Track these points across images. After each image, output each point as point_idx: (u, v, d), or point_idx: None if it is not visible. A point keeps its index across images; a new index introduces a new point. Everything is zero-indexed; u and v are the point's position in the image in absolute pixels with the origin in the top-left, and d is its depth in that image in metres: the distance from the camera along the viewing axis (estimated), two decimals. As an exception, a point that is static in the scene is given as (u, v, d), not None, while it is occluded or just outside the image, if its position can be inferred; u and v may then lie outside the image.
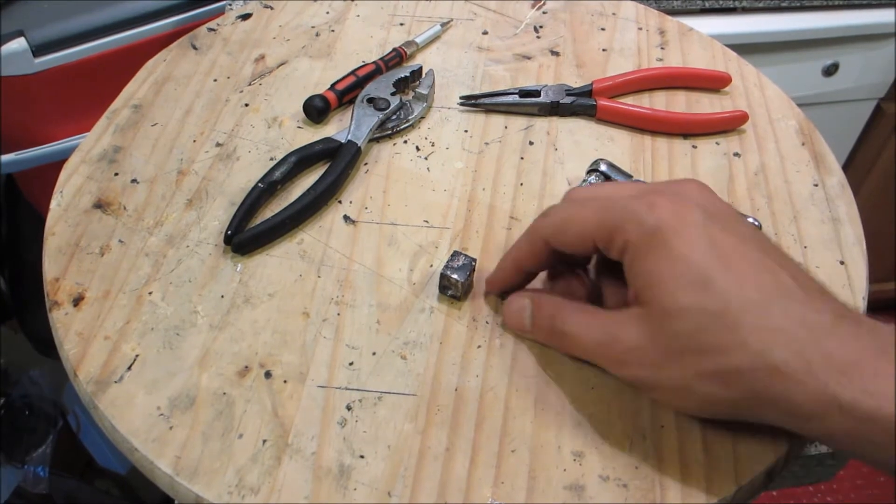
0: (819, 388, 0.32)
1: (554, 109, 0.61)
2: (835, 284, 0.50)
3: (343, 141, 0.56)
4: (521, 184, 0.56)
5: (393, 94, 0.60)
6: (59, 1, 0.82)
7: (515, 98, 0.62)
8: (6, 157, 0.83)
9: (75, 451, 1.10)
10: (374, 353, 0.45)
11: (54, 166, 0.76)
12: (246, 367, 0.44)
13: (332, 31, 0.69)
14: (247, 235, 0.49)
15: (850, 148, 1.33)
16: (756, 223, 0.51)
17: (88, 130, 0.58)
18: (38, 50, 0.77)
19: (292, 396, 0.42)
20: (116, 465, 1.10)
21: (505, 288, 0.46)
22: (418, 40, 0.67)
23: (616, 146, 0.59)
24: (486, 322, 0.46)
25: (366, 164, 0.57)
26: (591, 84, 0.62)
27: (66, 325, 0.45)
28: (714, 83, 0.65)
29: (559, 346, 0.42)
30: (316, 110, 0.59)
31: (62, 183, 0.54)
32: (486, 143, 0.59)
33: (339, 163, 0.54)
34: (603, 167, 0.54)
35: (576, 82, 0.64)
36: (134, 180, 0.54)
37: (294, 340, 0.45)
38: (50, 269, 0.48)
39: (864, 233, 0.53)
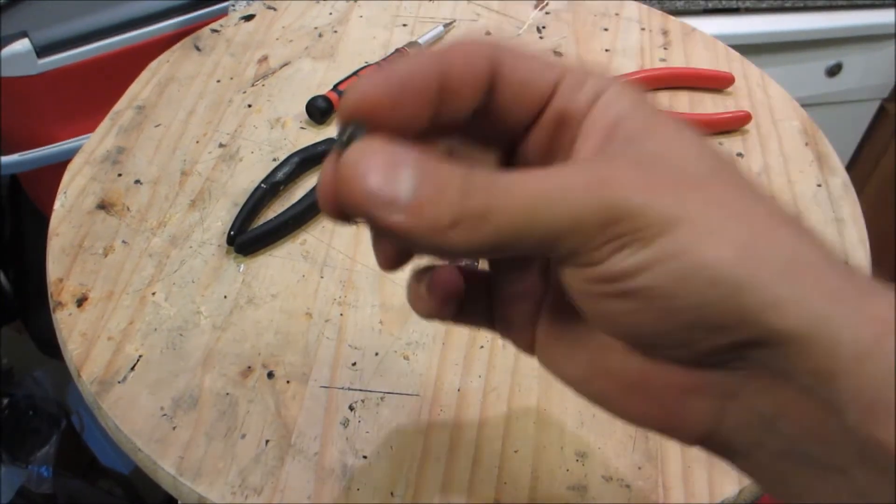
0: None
1: (557, 110, 0.61)
2: (838, 285, 0.50)
3: (346, 142, 0.56)
4: (524, 184, 0.56)
5: (396, 94, 0.60)
6: (62, 2, 0.82)
7: (518, 99, 0.62)
8: (9, 158, 0.83)
9: (79, 452, 1.10)
10: (376, 354, 0.45)
11: (58, 167, 0.76)
12: (249, 367, 0.44)
13: (335, 31, 0.69)
14: (250, 236, 0.49)
15: (853, 148, 1.33)
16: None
17: (92, 131, 0.58)
18: (42, 51, 0.77)
19: (295, 397, 0.42)
20: (120, 466, 1.10)
21: (371, 107, 0.21)
22: (421, 41, 0.67)
23: (619, 147, 0.59)
24: (489, 322, 0.46)
25: (368, 164, 0.57)
26: (594, 84, 0.62)
27: (70, 326, 0.45)
28: (717, 83, 0.65)
29: (477, 234, 0.20)
30: (319, 111, 0.59)
31: (66, 184, 0.54)
32: (489, 144, 0.59)
33: (341, 163, 0.54)
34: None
35: (578, 83, 0.64)
36: (137, 181, 0.54)
37: (297, 341, 0.45)
38: (53, 269, 0.48)
39: (867, 233, 0.53)
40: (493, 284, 0.28)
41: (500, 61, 0.23)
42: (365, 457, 0.40)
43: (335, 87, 0.61)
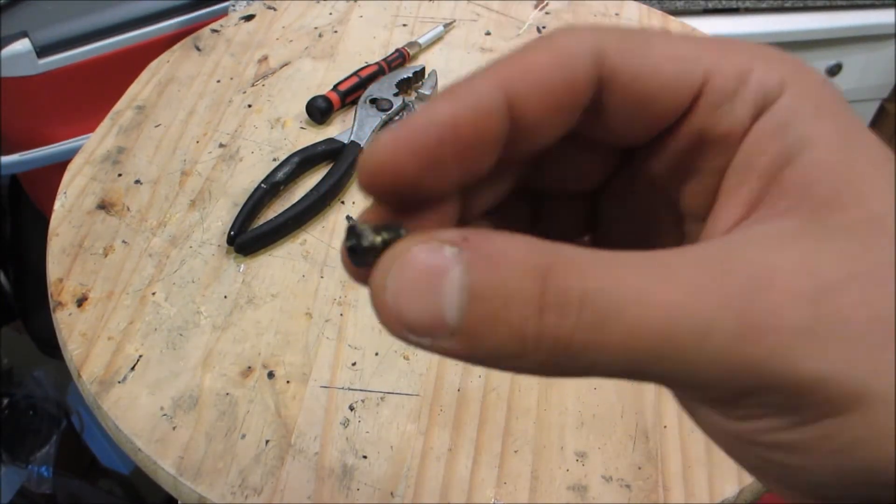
0: None
1: (557, 110, 0.61)
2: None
3: (346, 142, 0.56)
4: (524, 184, 0.56)
5: (396, 94, 0.60)
6: (62, 2, 0.82)
7: (518, 99, 0.62)
8: (10, 158, 0.83)
9: (79, 452, 1.10)
10: (376, 354, 0.45)
11: (58, 167, 0.76)
12: (249, 367, 0.44)
13: (335, 31, 0.69)
14: (250, 236, 0.49)
15: (853, 148, 1.33)
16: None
17: (92, 131, 0.58)
18: (42, 51, 0.78)
19: (295, 397, 0.42)
20: (120, 466, 1.10)
21: (393, 179, 0.15)
22: (421, 41, 0.67)
23: (619, 147, 0.59)
24: (489, 322, 0.46)
25: (368, 164, 0.57)
26: (594, 85, 0.62)
27: (70, 326, 0.45)
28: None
29: (575, 353, 0.14)
30: (319, 111, 0.59)
31: (66, 184, 0.54)
32: (489, 144, 0.59)
33: (341, 163, 0.54)
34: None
35: (578, 83, 0.64)
36: (137, 181, 0.54)
37: (297, 341, 0.45)
38: (54, 269, 0.48)
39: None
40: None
41: (612, 64, 0.16)
42: (365, 457, 0.40)
43: (335, 87, 0.61)
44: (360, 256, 0.15)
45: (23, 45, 0.77)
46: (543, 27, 0.71)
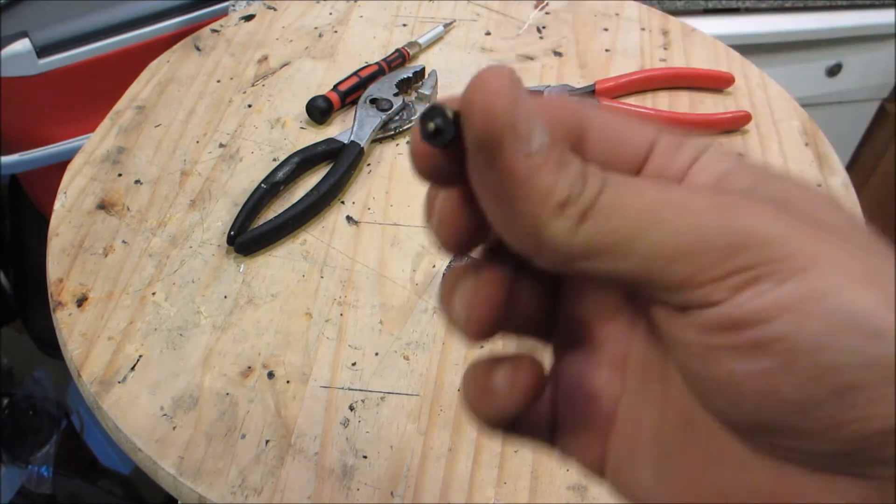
0: None
1: (557, 110, 0.61)
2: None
3: (346, 142, 0.56)
4: (524, 184, 0.56)
5: (396, 94, 0.60)
6: (62, 2, 0.82)
7: (518, 99, 0.62)
8: (9, 158, 0.83)
9: (79, 452, 1.10)
10: (376, 354, 0.45)
11: (58, 167, 0.76)
12: (249, 367, 0.44)
13: (335, 31, 0.69)
14: (250, 236, 0.50)
15: (853, 148, 1.33)
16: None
17: (92, 131, 0.58)
18: (42, 51, 0.78)
19: (295, 397, 0.42)
20: (120, 466, 1.10)
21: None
22: (421, 41, 0.67)
23: (619, 147, 0.59)
24: (489, 322, 0.46)
25: (368, 164, 0.57)
26: (594, 84, 0.62)
27: (70, 326, 0.45)
28: (717, 83, 0.65)
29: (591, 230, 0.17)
30: (319, 111, 0.59)
31: (66, 184, 0.54)
32: (489, 144, 0.59)
33: (341, 163, 0.54)
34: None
35: (579, 83, 0.64)
36: (137, 181, 0.54)
37: (297, 341, 0.45)
38: (54, 269, 0.48)
39: (867, 233, 0.53)
40: (558, 381, 0.24)
41: (588, 122, 0.20)
42: (365, 457, 0.40)
43: (335, 87, 0.61)
44: (440, 136, 0.17)
45: (23, 45, 0.77)
46: (543, 27, 0.71)
